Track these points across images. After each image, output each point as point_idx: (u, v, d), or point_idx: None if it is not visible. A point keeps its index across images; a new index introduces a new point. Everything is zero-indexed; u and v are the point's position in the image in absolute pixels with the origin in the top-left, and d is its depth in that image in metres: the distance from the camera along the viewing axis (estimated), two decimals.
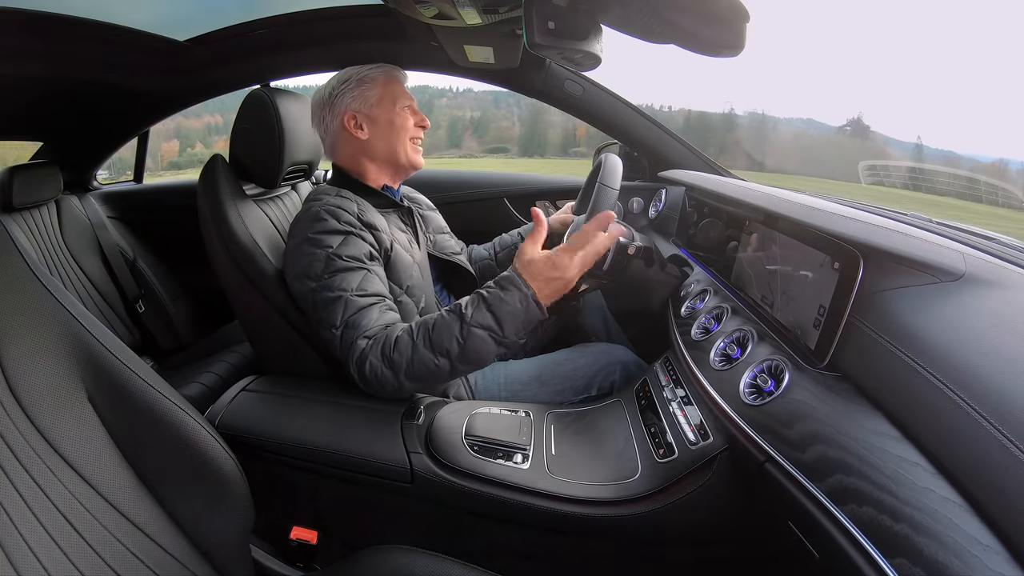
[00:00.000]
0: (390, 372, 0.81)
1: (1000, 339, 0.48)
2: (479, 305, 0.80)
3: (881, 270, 0.59)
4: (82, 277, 1.64)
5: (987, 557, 0.37)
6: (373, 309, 0.86)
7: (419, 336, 0.81)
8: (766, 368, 0.68)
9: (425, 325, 0.82)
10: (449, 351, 0.79)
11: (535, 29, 0.64)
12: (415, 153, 1.04)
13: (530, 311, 0.79)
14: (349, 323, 0.84)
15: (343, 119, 1.00)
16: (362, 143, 1.01)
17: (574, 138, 4.80)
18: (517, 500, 0.74)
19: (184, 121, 4.26)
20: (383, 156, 1.02)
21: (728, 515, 0.69)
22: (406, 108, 1.03)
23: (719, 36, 0.58)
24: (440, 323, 0.80)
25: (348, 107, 1.00)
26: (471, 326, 0.78)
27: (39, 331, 0.58)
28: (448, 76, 1.39)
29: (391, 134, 1.01)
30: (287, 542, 0.83)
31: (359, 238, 0.90)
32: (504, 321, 0.78)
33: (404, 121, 1.02)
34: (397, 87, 1.03)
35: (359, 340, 0.83)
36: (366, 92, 1.00)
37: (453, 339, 0.79)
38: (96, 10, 1.05)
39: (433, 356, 0.79)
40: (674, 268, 1.09)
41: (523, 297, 0.79)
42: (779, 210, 0.79)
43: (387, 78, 1.03)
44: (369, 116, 1.00)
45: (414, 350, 0.80)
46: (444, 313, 0.82)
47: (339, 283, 0.86)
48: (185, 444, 0.63)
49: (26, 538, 0.50)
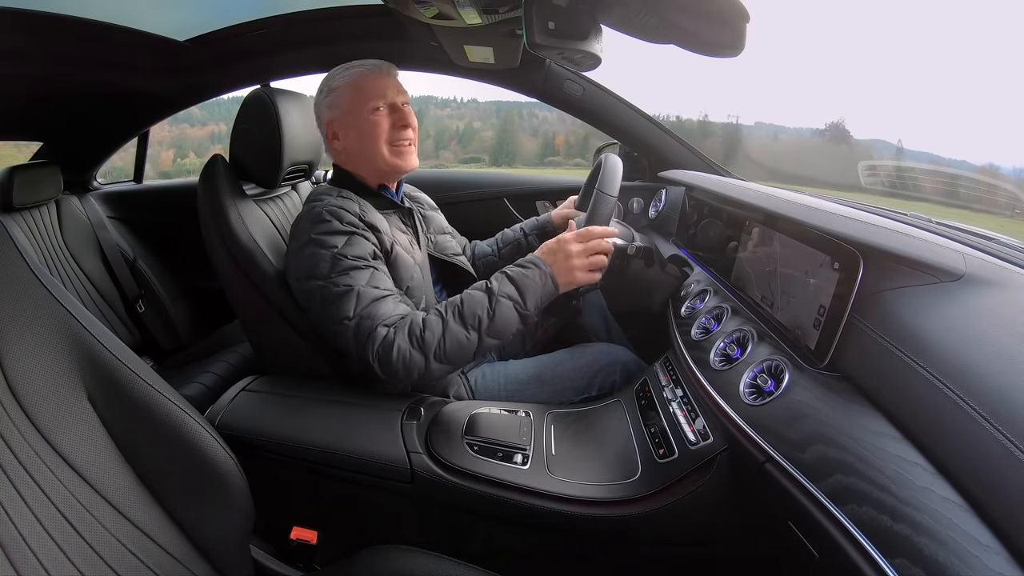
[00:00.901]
0: (419, 354, 0.82)
1: (1000, 339, 0.48)
2: (503, 280, 0.86)
3: (881, 270, 0.59)
4: (82, 277, 1.64)
5: (987, 557, 0.37)
6: (387, 300, 0.87)
7: (449, 313, 0.84)
8: (766, 368, 0.68)
9: (452, 304, 0.86)
10: (480, 322, 0.83)
11: (535, 29, 0.64)
12: (396, 156, 0.98)
13: (547, 287, 0.86)
14: (364, 314, 0.84)
15: (325, 128, 1.01)
16: (343, 151, 1.00)
17: (552, 147, 4.82)
18: (517, 500, 0.74)
19: (188, 130, 4.23)
20: (363, 162, 1.01)
21: (728, 515, 0.69)
22: (378, 111, 0.96)
23: (719, 36, 0.58)
24: (468, 298, 0.85)
25: (325, 117, 1.00)
26: (499, 296, 0.84)
27: (39, 331, 0.58)
28: (452, 85, 1.39)
29: (363, 141, 0.97)
30: (287, 542, 0.83)
31: (363, 238, 0.90)
32: (526, 293, 0.85)
33: (374, 127, 0.96)
34: (368, 89, 0.96)
35: (379, 328, 0.83)
36: (335, 101, 0.98)
37: (485, 309, 0.83)
38: (96, 10, 1.05)
39: (465, 330, 0.83)
40: (674, 268, 1.09)
41: (542, 274, 0.86)
42: (779, 210, 0.79)
43: (354, 82, 0.97)
44: (343, 124, 0.98)
45: (445, 327, 0.83)
46: (470, 290, 0.87)
47: (347, 279, 0.86)
48: (185, 444, 0.63)
49: (26, 538, 0.50)
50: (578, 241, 0.89)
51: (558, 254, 0.88)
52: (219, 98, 1.60)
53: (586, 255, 0.88)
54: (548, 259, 0.88)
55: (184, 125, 4.05)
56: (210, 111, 3.97)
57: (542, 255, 0.89)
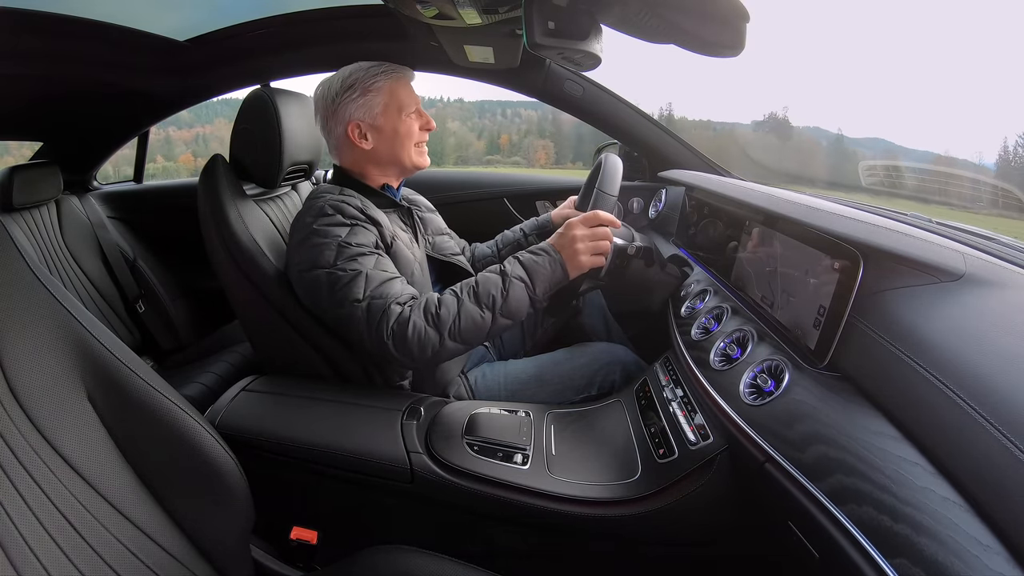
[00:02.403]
0: (434, 331, 0.82)
1: (1000, 339, 0.48)
2: (515, 264, 0.88)
3: (881, 270, 0.59)
4: (82, 277, 1.64)
5: (987, 557, 0.37)
6: (396, 282, 0.88)
7: (464, 293, 0.86)
8: (766, 368, 0.68)
9: (468, 283, 0.87)
10: (495, 301, 0.84)
11: (535, 29, 0.64)
12: (419, 156, 1.04)
13: (556, 273, 0.87)
14: (375, 294, 0.85)
15: (347, 128, 0.99)
16: (366, 152, 1.00)
17: (497, 146, 4.84)
18: (517, 500, 0.74)
19: (175, 132, 4.15)
20: (387, 161, 1.02)
21: (728, 515, 0.69)
22: (412, 114, 1.01)
23: (719, 36, 0.58)
24: (483, 280, 0.87)
25: (352, 116, 0.98)
26: (512, 278, 0.86)
27: (39, 331, 0.58)
28: (437, 85, 1.39)
29: (396, 142, 1.00)
30: (287, 542, 0.83)
31: (365, 229, 0.91)
32: (536, 278, 0.86)
33: (409, 128, 1.01)
34: (403, 93, 1.01)
35: (393, 306, 0.84)
36: (371, 101, 0.98)
37: (499, 290, 0.85)
38: (96, 10, 1.05)
39: (480, 309, 0.84)
40: (674, 268, 1.09)
41: (552, 260, 0.88)
42: (779, 210, 0.79)
43: (392, 85, 1.00)
44: (374, 126, 0.99)
45: (461, 305, 0.84)
46: (485, 272, 0.88)
47: (355, 264, 0.86)
48: (185, 444, 0.63)
49: (26, 538, 0.50)
50: (584, 224, 0.90)
51: (565, 238, 0.89)
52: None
53: (591, 239, 0.89)
54: (557, 244, 0.89)
55: (171, 128, 3.98)
56: (197, 113, 3.89)
57: (552, 242, 0.90)
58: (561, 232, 0.90)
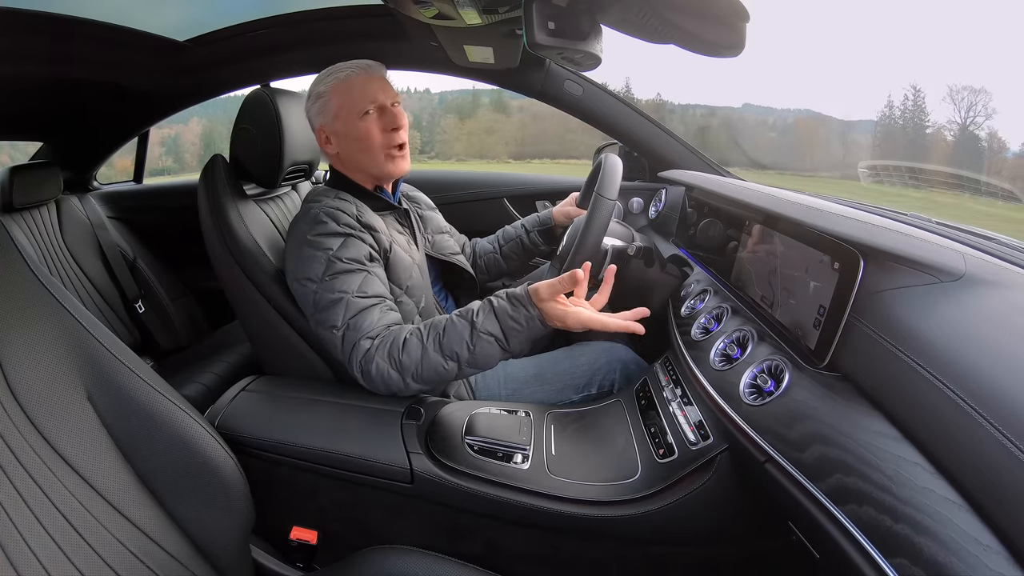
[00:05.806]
0: (397, 374, 0.82)
1: (1000, 339, 0.48)
2: (489, 314, 0.81)
3: (881, 270, 0.59)
4: (82, 277, 1.64)
5: (987, 557, 0.37)
6: (374, 310, 0.86)
7: (429, 340, 0.81)
8: (766, 368, 0.68)
9: (435, 328, 0.82)
10: (459, 355, 0.80)
11: (535, 29, 0.64)
12: (390, 161, 0.97)
13: (533, 329, 0.81)
14: (351, 324, 0.84)
15: (317, 133, 1.00)
16: (336, 156, 1.00)
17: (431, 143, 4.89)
18: (517, 500, 0.74)
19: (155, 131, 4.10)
20: (356, 167, 0.99)
21: (728, 515, 0.69)
22: (367, 115, 0.94)
23: (719, 36, 0.58)
24: (451, 328, 0.81)
25: (316, 123, 0.99)
26: (480, 332, 0.80)
27: (39, 331, 0.58)
28: (416, 76, 1.39)
29: (355, 147, 0.96)
30: (287, 542, 0.83)
31: (359, 239, 0.90)
32: (510, 334, 0.80)
33: (368, 131, 0.94)
34: (356, 92, 0.94)
35: (362, 341, 0.83)
36: (324, 107, 0.96)
37: (464, 344, 0.80)
38: (96, 10, 1.05)
39: (443, 360, 0.80)
40: (674, 268, 1.09)
41: (529, 317, 0.80)
42: (779, 210, 0.79)
43: (342, 86, 0.94)
44: (334, 131, 0.97)
45: (424, 353, 0.81)
46: (454, 318, 0.82)
47: (339, 285, 0.85)
48: (185, 444, 0.63)
49: (26, 538, 0.50)
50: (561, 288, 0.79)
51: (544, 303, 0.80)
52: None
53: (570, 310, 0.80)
54: (536, 298, 0.80)
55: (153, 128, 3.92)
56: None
57: (532, 294, 0.80)
58: (541, 297, 0.79)
